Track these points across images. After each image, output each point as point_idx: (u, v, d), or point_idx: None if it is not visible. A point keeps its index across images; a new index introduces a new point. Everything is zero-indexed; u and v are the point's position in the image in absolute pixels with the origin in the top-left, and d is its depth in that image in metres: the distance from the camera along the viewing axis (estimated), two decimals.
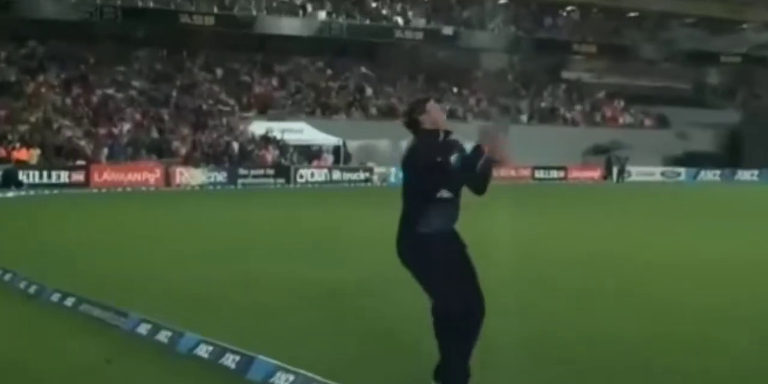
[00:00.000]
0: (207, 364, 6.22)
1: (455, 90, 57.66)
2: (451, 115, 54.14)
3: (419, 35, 56.81)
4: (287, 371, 5.70)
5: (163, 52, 51.20)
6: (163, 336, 6.84)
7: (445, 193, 5.40)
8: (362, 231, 17.56)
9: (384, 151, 49.46)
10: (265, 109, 48.30)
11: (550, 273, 11.45)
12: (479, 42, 58.96)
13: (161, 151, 40.26)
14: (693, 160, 57.47)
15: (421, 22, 57.33)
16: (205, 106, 46.01)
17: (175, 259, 12.89)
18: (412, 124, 5.59)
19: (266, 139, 43.78)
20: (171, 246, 14.78)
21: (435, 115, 5.57)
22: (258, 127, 44.89)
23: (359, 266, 12.02)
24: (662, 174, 56.03)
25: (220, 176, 39.82)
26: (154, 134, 41.87)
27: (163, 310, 8.03)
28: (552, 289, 10.18)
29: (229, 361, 6.16)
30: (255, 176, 40.60)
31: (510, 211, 20.52)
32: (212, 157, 40.90)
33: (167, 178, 38.19)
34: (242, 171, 40.38)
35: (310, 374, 5.59)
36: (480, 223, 18.57)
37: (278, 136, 44.14)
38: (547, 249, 14.31)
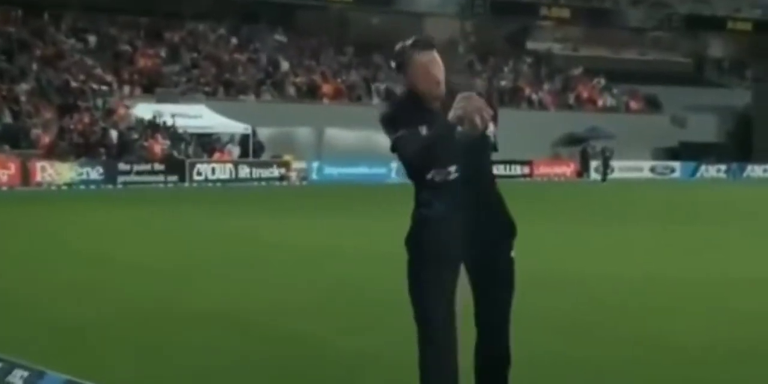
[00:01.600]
0: None
1: (393, 65, 57.52)
2: (389, 96, 54.44)
3: None
4: None
5: (16, 12, 50.59)
6: (18, 377, 6.77)
7: (440, 175, 5.22)
8: (276, 246, 17.74)
9: (304, 141, 49.79)
10: (153, 87, 48.11)
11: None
12: (422, 5, 59.85)
13: (17, 141, 39.86)
14: (691, 152, 58.76)
15: None
16: (74, 83, 45.60)
17: (35, 280, 12.76)
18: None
19: (154, 126, 43.60)
20: (29, 264, 14.62)
21: (417, 70, 5.32)
22: (143, 111, 44.71)
23: (273, 291, 12.19)
24: (652, 169, 57.28)
25: (95, 173, 39.63)
26: (7, 119, 41.42)
27: (17, 345, 7.97)
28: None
29: None
30: (140, 173, 40.52)
31: None
32: (84, 149, 40.59)
33: (25, 175, 37.86)
34: (123, 166, 40.24)
35: None
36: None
37: (169, 122, 44.01)
38: None
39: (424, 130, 5.11)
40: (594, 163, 54.53)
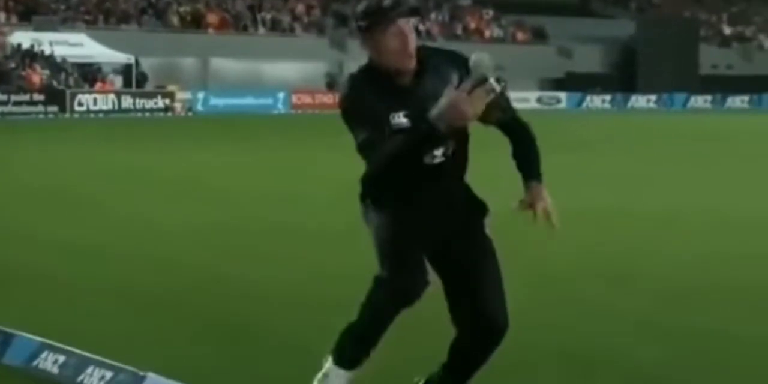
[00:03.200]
0: None
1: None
2: (275, 26, 54.68)
3: None
4: (56, 350, 5.75)
5: None
6: None
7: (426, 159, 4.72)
8: (164, 175, 17.99)
9: (189, 71, 49.68)
10: (30, 15, 47.36)
11: None
12: None
13: None
14: (577, 83, 59.94)
15: None
16: None
17: None
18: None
19: (32, 55, 43.03)
20: None
21: (382, 47, 4.53)
22: (21, 39, 44.06)
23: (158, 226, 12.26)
24: (538, 100, 57.99)
25: None
26: None
27: None
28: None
29: None
30: (18, 103, 39.94)
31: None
32: None
33: None
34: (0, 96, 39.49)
35: (84, 353, 5.62)
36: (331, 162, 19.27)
37: (48, 51, 43.48)
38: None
39: (401, 119, 4.53)
40: None
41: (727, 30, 70.83)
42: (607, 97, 60.22)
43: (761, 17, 73.12)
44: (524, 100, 56.00)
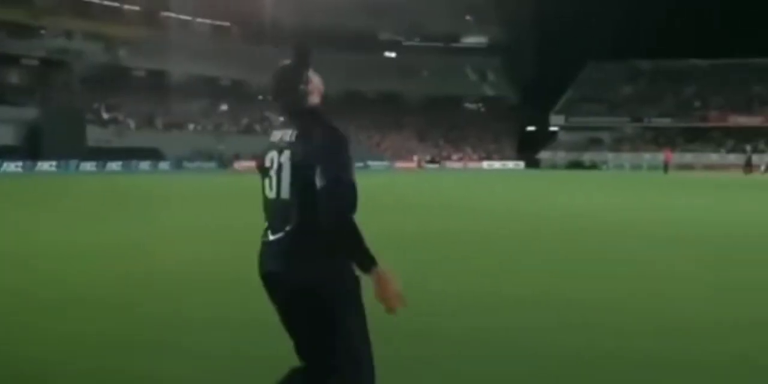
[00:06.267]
0: None
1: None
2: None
3: None
4: None
5: None
6: None
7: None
8: None
9: None
10: None
11: None
12: None
13: None
14: None
15: None
16: None
17: None
18: (297, 102, 3.61)
19: None
20: None
21: (319, 85, 3.68)
22: None
23: None
24: None
25: None
26: None
27: None
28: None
29: None
30: None
31: None
32: None
33: None
34: None
35: None
36: None
37: None
38: None
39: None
40: None
41: (106, 115, 71.85)
42: (20, 163, 59.41)
43: (197, 105, 76.95)
44: None
